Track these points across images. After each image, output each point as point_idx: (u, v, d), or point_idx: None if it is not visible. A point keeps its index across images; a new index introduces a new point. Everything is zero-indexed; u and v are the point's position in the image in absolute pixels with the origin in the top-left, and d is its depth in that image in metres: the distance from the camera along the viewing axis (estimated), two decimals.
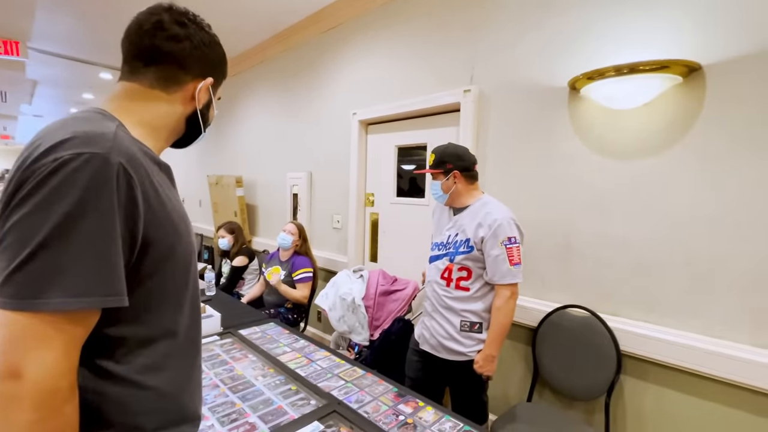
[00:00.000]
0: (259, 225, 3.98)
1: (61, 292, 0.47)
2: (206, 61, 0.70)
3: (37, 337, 0.46)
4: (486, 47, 1.97)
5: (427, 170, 1.56)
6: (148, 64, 0.65)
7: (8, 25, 3.31)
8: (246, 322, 1.89)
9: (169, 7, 0.67)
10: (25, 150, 0.53)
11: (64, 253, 0.47)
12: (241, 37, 3.49)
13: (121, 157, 0.53)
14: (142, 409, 0.58)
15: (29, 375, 0.45)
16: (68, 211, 0.47)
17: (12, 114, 7.73)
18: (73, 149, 0.49)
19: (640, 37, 1.48)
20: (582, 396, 1.63)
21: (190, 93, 0.69)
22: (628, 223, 1.54)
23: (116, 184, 0.51)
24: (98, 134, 0.53)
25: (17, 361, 0.45)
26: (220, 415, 1.13)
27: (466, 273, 1.47)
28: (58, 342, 0.48)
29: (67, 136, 0.51)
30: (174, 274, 0.62)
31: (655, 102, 1.45)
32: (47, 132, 0.54)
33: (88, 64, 4.41)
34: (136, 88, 0.66)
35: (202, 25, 0.70)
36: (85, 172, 0.49)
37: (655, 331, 1.47)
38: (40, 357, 0.46)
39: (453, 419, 1.15)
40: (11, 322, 0.46)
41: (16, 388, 0.45)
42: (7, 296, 0.46)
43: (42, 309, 0.46)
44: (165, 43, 0.65)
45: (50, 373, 0.47)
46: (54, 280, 0.47)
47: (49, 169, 0.48)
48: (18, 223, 0.47)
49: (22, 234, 0.47)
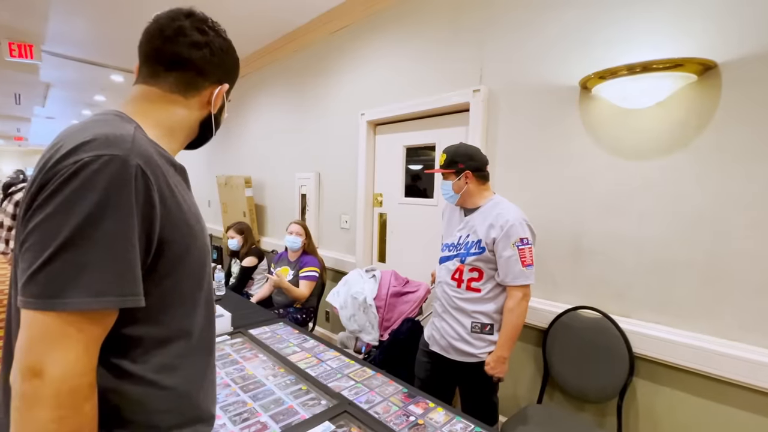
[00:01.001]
0: (267, 225, 4.00)
1: (82, 293, 0.48)
2: (223, 68, 0.72)
3: (58, 336, 0.47)
4: (495, 47, 1.96)
5: (437, 170, 1.56)
6: (168, 69, 0.66)
7: (22, 29, 3.37)
8: (256, 321, 1.90)
9: (190, 14, 0.68)
10: (46, 152, 0.54)
11: (84, 254, 0.48)
12: (251, 39, 3.52)
13: (139, 159, 0.53)
14: (159, 408, 0.59)
15: (51, 373, 0.46)
16: (88, 213, 0.48)
17: (26, 116, 7.88)
18: (94, 151, 0.50)
19: (653, 35, 1.46)
20: (593, 398, 1.61)
21: (206, 98, 0.71)
22: (641, 224, 1.52)
23: (134, 186, 0.52)
24: (117, 136, 0.54)
25: (39, 359, 0.46)
26: (232, 414, 1.14)
27: (477, 274, 1.46)
28: (78, 341, 0.48)
29: (88, 138, 0.52)
30: (189, 274, 0.62)
31: (668, 101, 1.43)
32: (68, 134, 0.55)
33: (99, 66, 4.47)
34: (156, 92, 0.67)
35: (219, 31, 0.72)
36: (105, 174, 0.50)
37: (669, 332, 1.45)
38: (62, 356, 0.47)
39: (464, 420, 1.14)
40: (33, 321, 0.47)
41: (38, 387, 0.46)
42: (29, 296, 0.47)
43: (63, 309, 0.47)
44: (186, 50, 0.66)
45: (71, 371, 0.47)
46: (74, 281, 0.48)
47: (71, 171, 0.49)
48: (40, 224, 0.48)
49: (44, 235, 0.48)
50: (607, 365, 1.56)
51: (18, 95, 6.05)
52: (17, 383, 0.47)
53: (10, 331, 0.58)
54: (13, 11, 3.03)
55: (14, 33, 3.45)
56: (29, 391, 0.46)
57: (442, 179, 1.55)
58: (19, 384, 0.46)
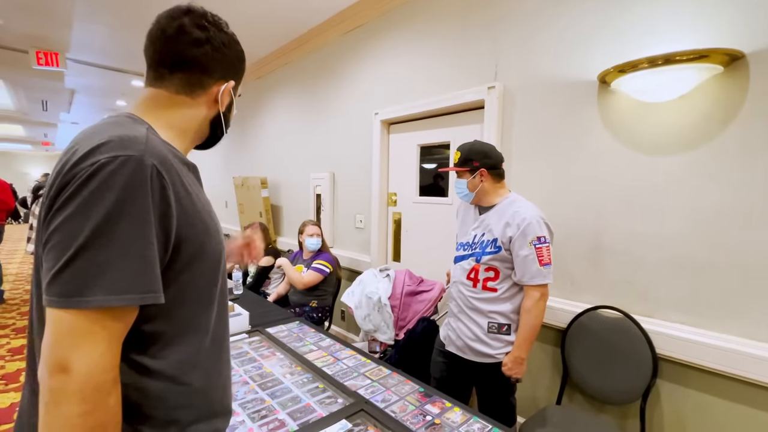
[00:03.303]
0: (283, 225, 4.05)
1: (103, 290, 0.49)
2: (227, 63, 0.71)
3: (82, 333, 0.49)
4: (510, 42, 1.94)
5: (452, 168, 1.54)
6: (173, 71, 0.67)
7: (49, 38, 3.50)
8: (273, 320, 1.93)
9: (188, 10, 0.67)
10: (63, 155, 0.56)
11: (104, 253, 0.49)
12: (266, 41, 3.56)
13: (154, 159, 0.54)
14: (179, 403, 0.60)
15: (77, 369, 0.48)
16: (107, 213, 0.50)
17: (52, 121, 8.19)
18: (110, 152, 0.52)
19: (674, 27, 1.42)
20: (615, 400, 1.58)
21: (213, 96, 0.71)
22: (663, 221, 1.48)
23: (150, 186, 0.53)
24: (132, 138, 0.55)
25: (65, 356, 0.48)
26: (251, 411, 1.15)
27: (493, 273, 1.44)
28: (101, 338, 0.50)
29: (103, 140, 0.53)
30: (204, 271, 0.63)
31: (692, 94, 1.39)
32: (83, 137, 0.56)
33: (120, 72, 4.61)
34: (163, 94, 0.67)
35: (220, 25, 0.70)
36: (122, 174, 0.51)
37: (694, 333, 1.40)
38: (87, 352, 0.48)
39: (481, 420, 1.13)
40: (58, 319, 0.49)
41: (65, 382, 0.47)
42: (54, 294, 0.49)
43: (86, 306, 0.48)
44: (188, 49, 0.66)
45: (96, 367, 0.49)
46: (96, 279, 0.49)
47: (88, 172, 0.50)
48: (61, 225, 0.50)
49: (65, 236, 0.49)
50: (629, 366, 1.52)
51: (45, 102, 6.29)
52: (45, 379, 0.48)
53: (32, 330, 0.60)
54: (38, 20, 3.15)
55: (40, 42, 3.59)
56: (56, 386, 0.47)
57: (457, 177, 1.54)
58: (47, 380, 0.48)
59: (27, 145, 12.32)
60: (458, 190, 1.54)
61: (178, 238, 0.57)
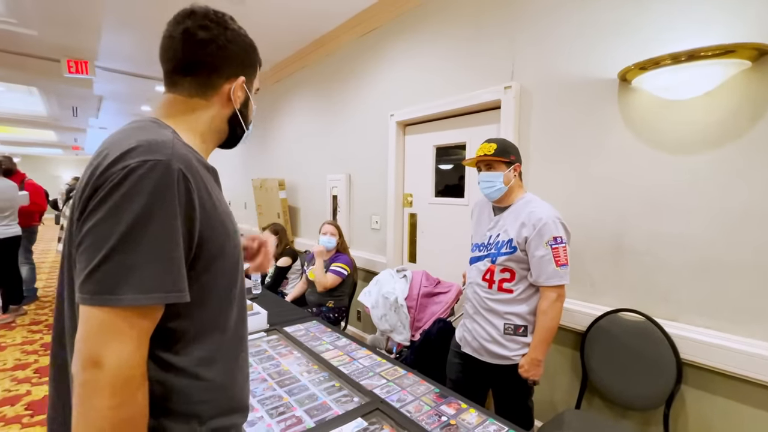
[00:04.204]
0: (300, 226, 4.10)
1: (133, 289, 0.51)
2: (234, 59, 0.71)
3: (113, 330, 0.51)
4: (526, 41, 1.92)
5: (490, 158, 1.43)
6: (184, 75, 0.68)
7: (79, 47, 3.67)
8: (290, 319, 1.96)
9: (192, 12, 0.67)
10: (93, 159, 0.58)
11: (134, 254, 0.52)
12: (282, 45, 3.63)
13: (180, 163, 0.56)
14: (200, 398, 0.62)
15: (108, 364, 0.50)
16: (137, 216, 0.52)
17: (82, 127, 8.54)
18: (139, 157, 0.54)
19: (697, 22, 1.38)
20: (637, 405, 1.54)
21: (226, 95, 0.71)
22: (688, 222, 1.43)
23: (177, 189, 0.55)
24: (159, 142, 0.57)
25: (97, 351, 0.50)
26: (269, 408, 1.18)
27: (509, 275, 1.43)
28: (131, 334, 0.52)
29: (132, 145, 0.55)
30: (224, 271, 0.65)
31: (717, 90, 1.34)
32: (112, 142, 0.59)
33: (146, 78, 4.77)
34: (178, 98, 0.69)
35: (225, 22, 0.70)
36: (151, 179, 0.53)
37: (721, 338, 1.36)
38: (117, 348, 0.51)
39: (497, 422, 1.12)
40: (91, 316, 0.51)
41: (97, 377, 0.50)
42: (87, 293, 0.51)
43: (117, 304, 0.51)
44: (194, 52, 0.67)
45: (126, 362, 0.51)
46: (126, 279, 0.51)
47: (119, 176, 0.53)
48: (94, 227, 0.52)
49: (97, 237, 0.52)
50: (652, 371, 1.48)
51: (75, 108, 6.57)
52: (78, 373, 0.51)
53: (62, 326, 0.63)
54: (70, 31, 3.31)
55: (71, 51, 3.77)
56: (90, 380, 0.50)
57: (485, 170, 1.46)
58: (80, 373, 0.50)
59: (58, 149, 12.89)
60: (488, 184, 1.45)
61: (201, 240, 0.59)
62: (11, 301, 3.66)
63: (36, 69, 4.19)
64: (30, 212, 3.99)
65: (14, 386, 2.48)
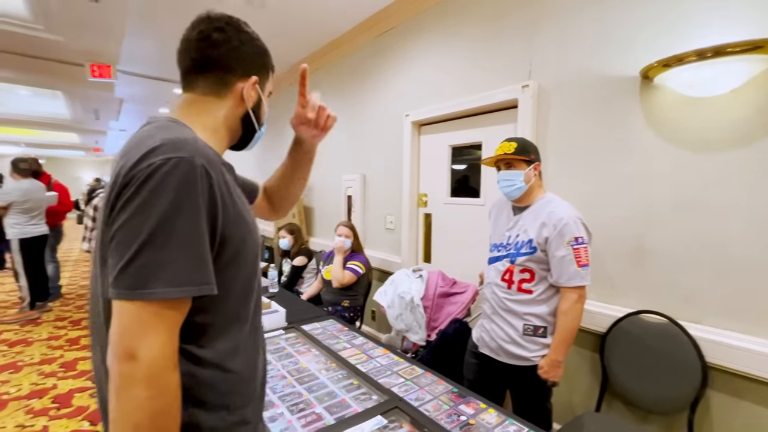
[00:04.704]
0: (315, 226, 4.14)
1: (164, 283, 0.53)
2: (247, 59, 0.73)
3: (146, 323, 0.53)
4: (545, 39, 1.90)
5: (510, 156, 1.43)
6: (198, 74, 0.71)
7: (102, 51, 3.77)
8: (307, 318, 1.98)
9: (208, 17, 0.71)
10: (119, 159, 0.60)
11: (163, 249, 0.54)
12: (299, 46, 3.67)
13: (203, 160, 0.58)
14: (227, 389, 0.64)
15: (143, 357, 0.52)
16: (164, 212, 0.54)
17: (102, 129, 8.79)
18: (164, 154, 0.55)
19: (722, 17, 1.34)
20: (659, 409, 1.51)
21: (239, 94, 0.73)
22: (713, 222, 1.40)
23: (200, 185, 0.57)
24: (182, 140, 0.58)
25: (132, 344, 0.52)
26: (289, 404, 1.20)
27: (528, 275, 1.42)
28: (163, 327, 0.54)
29: (156, 143, 0.57)
30: (245, 265, 0.67)
31: (745, 87, 1.31)
32: (136, 141, 0.60)
33: (164, 81, 4.89)
34: (194, 98, 0.72)
35: (239, 25, 0.73)
36: (176, 175, 0.55)
37: (748, 341, 1.32)
38: (151, 341, 0.53)
39: (517, 423, 1.12)
40: (124, 311, 0.53)
41: (133, 369, 0.52)
42: (120, 288, 0.53)
43: (149, 298, 0.53)
44: (208, 51, 0.70)
45: (159, 354, 0.53)
46: (157, 273, 0.53)
47: (146, 174, 0.54)
48: (124, 224, 0.54)
49: (127, 234, 0.54)
50: (675, 374, 1.44)
51: (97, 111, 6.77)
52: (114, 366, 0.52)
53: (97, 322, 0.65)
54: (94, 36, 3.41)
55: (94, 56, 3.88)
56: (126, 372, 0.52)
57: (505, 169, 1.46)
58: (117, 366, 0.52)
59: (80, 151, 13.29)
60: (508, 183, 1.45)
61: (223, 235, 0.61)
62: (38, 298, 3.79)
63: (61, 74, 4.33)
64: (57, 212, 4.13)
65: (41, 380, 2.57)
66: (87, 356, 2.94)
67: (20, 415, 2.17)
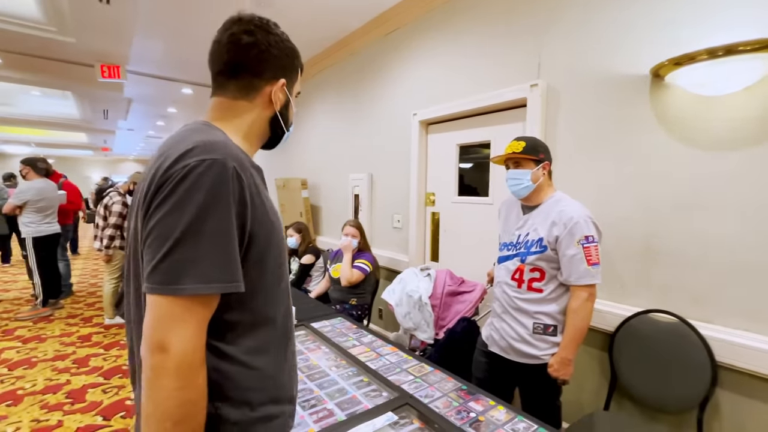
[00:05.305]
0: (323, 225, 4.16)
1: (195, 279, 0.55)
2: (275, 63, 0.74)
3: (177, 317, 0.55)
4: (554, 38, 1.90)
5: (518, 156, 1.44)
6: (229, 78, 0.72)
7: (112, 52, 3.82)
8: (316, 315, 2.00)
9: (238, 19, 0.72)
10: (155, 160, 0.63)
11: (195, 247, 0.56)
12: (307, 45, 3.68)
13: (234, 162, 0.60)
14: (251, 385, 0.66)
15: (173, 349, 0.54)
16: (197, 211, 0.56)
17: (111, 129, 8.89)
18: (198, 156, 0.58)
19: (734, 15, 1.34)
20: (668, 409, 1.50)
21: (267, 97, 0.74)
22: (724, 221, 1.39)
23: (231, 186, 0.59)
24: (215, 143, 0.61)
25: (164, 337, 0.54)
26: (301, 401, 1.21)
27: (538, 274, 1.42)
28: (192, 321, 0.56)
29: (190, 146, 0.59)
30: (271, 265, 0.69)
31: (757, 85, 1.30)
32: (171, 144, 0.63)
33: (172, 81, 4.93)
34: (224, 101, 0.73)
35: (268, 27, 0.73)
36: (209, 176, 0.57)
37: (759, 341, 1.32)
38: (181, 334, 0.55)
39: (526, 420, 1.13)
40: (157, 304, 0.55)
41: (164, 360, 0.54)
42: (154, 283, 0.55)
43: (180, 294, 0.55)
44: (238, 55, 0.71)
45: (189, 347, 0.55)
46: (189, 270, 0.55)
47: (181, 174, 0.57)
48: (159, 222, 0.57)
49: (162, 231, 0.56)
50: (685, 373, 1.44)
51: (106, 111, 6.84)
52: (147, 357, 0.55)
53: (130, 315, 0.68)
54: (105, 37, 3.45)
55: (105, 56, 3.93)
56: (157, 363, 0.54)
57: (513, 167, 1.47)
58: (149, 357, 0.55)
59: (89, 150, 13.45)
60: (515, 182, 1.46)
61: (251, 236, 0.63)
62: (50, 295, 3.85)
63: (72, 74, 4.39)
64: (66, 211, 4.19)
65: (55, 375, 2.62)
66: (98, 353, 2.99)
67: (35, 409, 2.22)
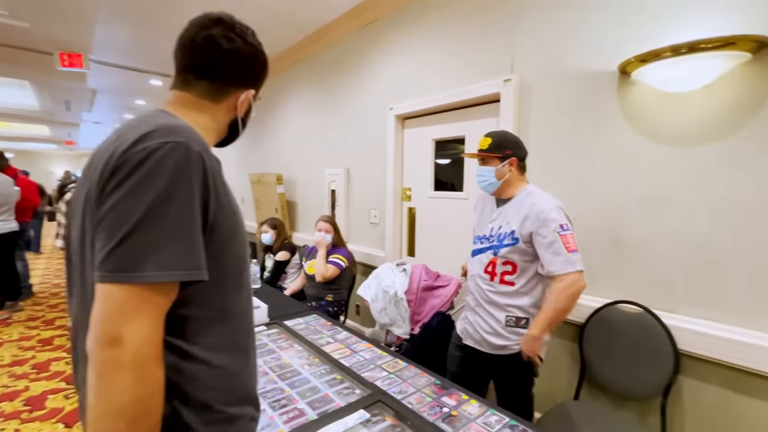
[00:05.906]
0: (299, 221, 4.10)
1: (155, 266, 0.52)
2: (250, 73, 0.75)
3: (133, 307, 0.51)
4: (527, 34, 1.91)
5: (481, 153, 1.46)
6: (199, 78, 0.71)
7: (72, 40, 3.61)
8: (290, 313, 1.96)
9: (218, 20, 0.70)
10: (110, 144, 0.58)
11: (155, 232, 0.52)
12: (281, 38, 3.59)
13: (198, 146, 0.58)
14: (212, 385, 0.62)
15: (128, 342, 0.50)
16: (158, 195, 0.52)
17: (75, 121, 8.44)
18: (159, 139, 0.55)
19: (698, 14, 1.37)
20: (634, 396, 1.56)
21: (234, 102, 0.75)
22: (688, 215, 1.44)
23: (195, 170, 0.56)
24: (177, 126, 0.58)
25: (118, 329, 0.50)
26: (271, 401, 1.18)
27: (510, 267, 1.43)
28: (150, 312, 0.52)
29: (150, 129, 0.56)
30: (233, 259, 0.66)
31: (717, 83, 1.35)
32: (128, 127, 0.59)
33: (140, 72, 4.72)
34: (188, 97, 0.71)
35: (246, 36, 0.73)
36: (171, 159, 0.54)
37: (719, 329, 1.37)
38: (137, 325, 0.51)
39: (498, 413, 1.13)
40: (111, 294, 0.51)
41: (118, 354, 0.49)
42: (106, 270, 0.51)
43: (138, 282, 0.51)
44: (215, 60, 0.70)
45: (146, 339, 0.51)
46: (148, 256, 0.51)
47: (140, 156, 0.53)
48: (115, 205, 0.53)
49: (118, 215, 0.52)
50: (650, 362, 1.49)
51: (68, 102, 6.49)
52: (96, 352, 0.50)
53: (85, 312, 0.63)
54: (62, 23, 3.25)
55: (64, 44, 3.70)
56: (110, 358, 0.49)
57: (480, 164, 1.48)
58: (98, 352, 0.50)
59: (52, 144, 12.75)
60: (482, 179, 1.48)
61: (213, 223, 0.60)
62: (8, 297, 3.63)
63: (28, 62, 4.12)
64: (23, 208, 3.94)
65: (12, 382, 2.48)
66: (60, 357, 2.84)
67: None
